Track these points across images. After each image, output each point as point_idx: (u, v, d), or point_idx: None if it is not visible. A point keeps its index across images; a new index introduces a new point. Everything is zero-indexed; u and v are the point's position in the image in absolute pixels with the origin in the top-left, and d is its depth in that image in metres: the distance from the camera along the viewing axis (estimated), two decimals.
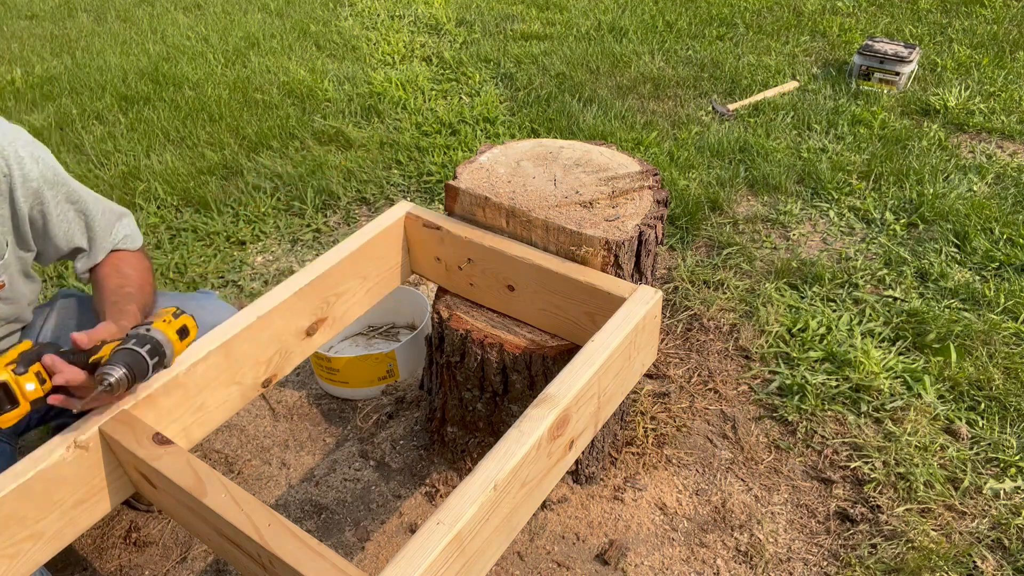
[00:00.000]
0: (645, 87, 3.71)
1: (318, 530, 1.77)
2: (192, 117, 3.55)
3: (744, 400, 2.05)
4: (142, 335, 1.16)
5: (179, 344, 1.21)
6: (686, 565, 1.67)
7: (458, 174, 1.63)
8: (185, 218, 2.87)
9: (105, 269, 1.48)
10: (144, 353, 1.13)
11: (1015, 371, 2.05)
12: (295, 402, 2.12)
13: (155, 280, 1.57)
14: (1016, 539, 1.67)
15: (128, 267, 1.50)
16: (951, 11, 4.37)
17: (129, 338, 1.15)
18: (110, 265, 1.49)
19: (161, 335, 1.17)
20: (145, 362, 1.13)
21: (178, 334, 1.21)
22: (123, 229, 1.53)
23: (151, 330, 1.17)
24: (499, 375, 1.59)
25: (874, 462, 1.84)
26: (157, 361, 1.15)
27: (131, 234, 1.55)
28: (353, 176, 3.07)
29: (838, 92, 3.55)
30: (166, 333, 1.18)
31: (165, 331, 1.18)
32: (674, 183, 2.88)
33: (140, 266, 1.52)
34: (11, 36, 4.71)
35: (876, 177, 2.91)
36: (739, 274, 2.48)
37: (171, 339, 1.19)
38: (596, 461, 1.81)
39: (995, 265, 2.45)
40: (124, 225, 1.54)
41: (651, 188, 1.58)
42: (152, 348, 1.15)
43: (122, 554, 1.75)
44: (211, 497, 1.10)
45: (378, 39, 4.42)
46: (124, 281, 1.45)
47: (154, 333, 1.17)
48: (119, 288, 1.43)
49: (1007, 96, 3.43)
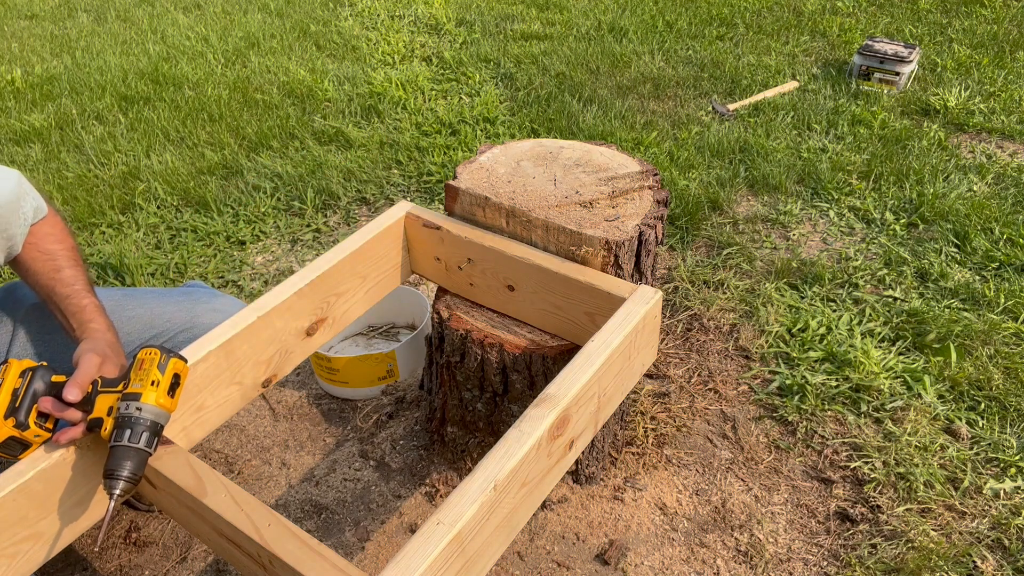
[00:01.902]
0: (645, 87, 3.71)
1: (318, 530, 1.77)
2: (192, 117, 3.55)
3: (744, 400, 2.05)
4: (135, 420, 1.10)
5: (172, 403, 1.15)
6: (686, 565, 1.67)
7: (458, 174, 1.63)
8: (185, 218, 2.87)
9: (30, 252, 1.36)
10: (143, 448, 1.10)
11: (1015, 371, 2.05)
12: (295, 402, 2.12)
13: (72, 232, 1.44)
14: (1016, 539, 1.67)
15: (49, 241, 1.37)
16: (951, 11, 4.37)
17: (124, 428, 1.10)
18: (32, 247, 1.36)
19: (153, 411, 1.12)
20: (147, 454, 1.11)
21: (169, 393, 1.15)
22: (29, 203, 1.37)
23: (142, 409, 1.11)
24: (499, 375, 1.59)
25: (874, 462, 1.84)
26: (157, 441, 1.12)
27: (38, 205, 1.39)
28: (353, 176, 3.07)
29: (838, 92, 3.55)
30: (158, 404, 1.12)
31: (156, 402, 1.12)
32: (674, 183, 2.88)
33: (58, 233, 1.40)
34: (11, 36, 4.71)
35: (876, 177, 2.91)
36: (739, 274, 2.48)
37: (164, 407, 1.13)
38: (596, 461, 1.81)
39: (995, 265, 2.45)
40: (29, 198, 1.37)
41: (651, 188, 1.57)
42: (149, 436, 1.11)
43: (122, 554, 1.75)
44: (211, 497, 1.10)
45: (378, 39, 4.42)
46: (56, 263, 1.34)
47: (146, 413, 1.11)
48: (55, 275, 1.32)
49: (1007, 96, 3.43)
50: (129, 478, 1.09)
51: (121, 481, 1.09)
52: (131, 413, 1.11)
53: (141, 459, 1.11)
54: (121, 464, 1.09)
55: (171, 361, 1.16)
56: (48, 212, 1.42)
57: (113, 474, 1.09)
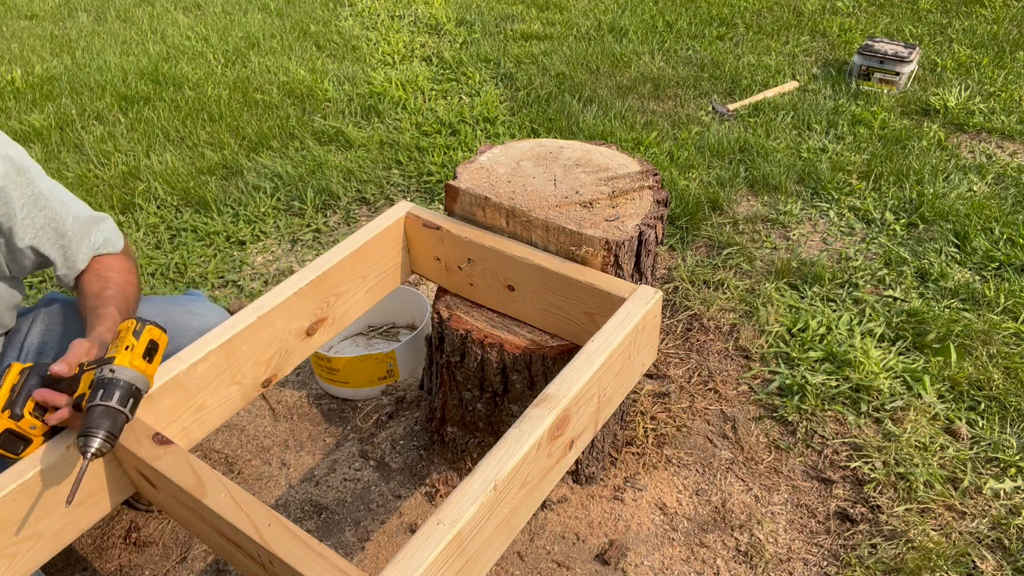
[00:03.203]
0: (645, 87, 3.71)
1: (318, 530, 1.77)
2: (192, 117, 3.55)
3: (744, 400, 2.05)
4: (108, 381, 1.12)
5: (149, 368, 1.17)
6: (686, 565, 1.67)
7: (458, 174, 1.63)
8: (185, 218, 2.87)
9: (88, 275, 1.47)
10: (116, 406, 1.11)
11: (1015, 371, 2.05)
12: (295, 402, 2.12)
13: (140, 278, 1.56)
14: (1016, 539, 1.67)
15: (109, 270, 1.48)
16: (951, 11, 4.37)
17: (97, 389, 1.12)
18: (92, 271, 1.48)
19: (128, 373, 1.13)
20: (122, 414, 1.11)
21: (145, 358, 1.17)
22: (101, 234, 1.50)
23: (115, 371, 1.13)
24: (499, 375, 1.59)
25: (874, 462, 1.84)
26: (133, 403, 1.13)
27: (111, 238, 1.52)
28: (353, 176, 3.07)
29: (838, 92, 3.55)
30: (132, 366, 1.14)
31: (131, 363, 1.14)
32: (674, 183, 2.88)
33: (121, 267, 1.50)
34: (11, 36, 4.71)
35: (876, 177, 2.91)
36: (739, 274, 2.48)
37: (139, 369, 1.15)
38: (596, 461, 1.81)
39: (995, 265, 2.45)
40: (103, 230, 1.51)
41: (651, 188, 1.58)
42: (123, 395, 1.12)
43: (122, 554, 1.75)
44: (211, 497, 1.10)
45: (378, 39, 4.42)
46: (105, 284, 1.44)
47: (119, 374, 1.12)
48: (100, 292, 1.41)
49: (1007, 96, 3.43)
50: (105, 437, 1.09)
51: (96, 439, 1.09)
52: (105, 375, 1.13)
53: (115, 419, 1.11)
54: (96, 423, 1.10)
55: (146, 328, 1.19)
56: (123, 251, 1.55)
57: (88, 432, 1.09)
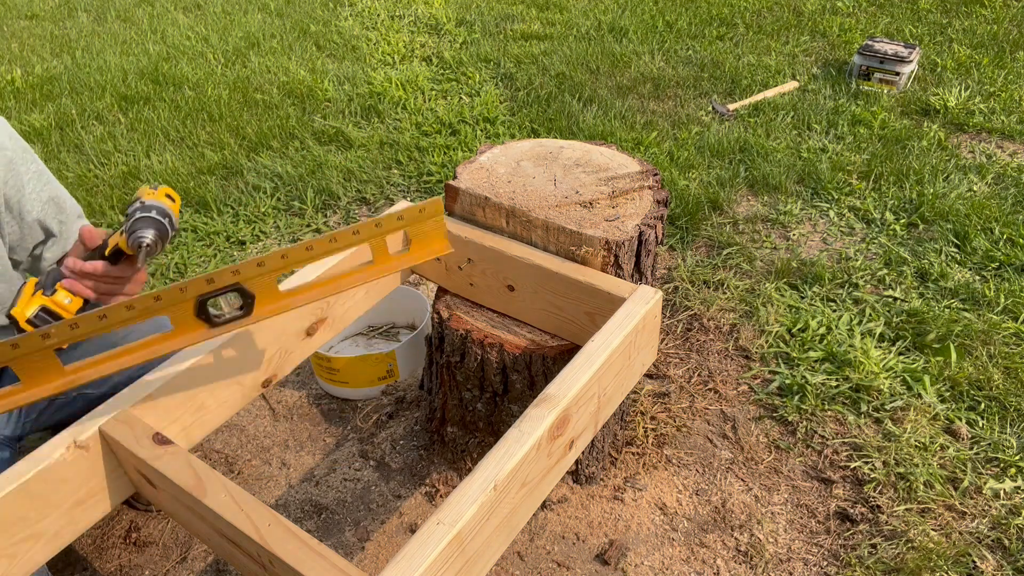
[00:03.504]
0: (645, 87, 3.71)
1: (318, 530, 1.77)
2: (192, 117, 3.55)
3: (744, 400, 2.05)
4: (145, 204, 1.17)
5: (174, 207, 1.23)
6: (686, 565, 1.67)
7: (458, 174, 1.63)
8: (185, 218, 2.87)
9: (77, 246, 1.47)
10: (158, 216, 1.16)
11: (1015, 371, 2.05)
12: (295, 402, 2.12)
13: None
14: (1016, 539, 1.67)
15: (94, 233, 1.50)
16: (951, 11, 4.37)
17: (134, 212, 1.16)
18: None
19: (157, 202, 1.19)
20: (163, 224, 1.16)
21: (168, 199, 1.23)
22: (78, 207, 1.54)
23: (145, 202, 1.18)
24: (499, 375, 1.59)
25: (874, 462, 1.84)
26: (168, 221, 1.18)
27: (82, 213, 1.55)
28: (353, 176, 3.07)
29: (838, 92, 3.55)
30: (159, 200, 1.20)
31: (157, 199, 1.20)
32: (674, 183, 2.88)
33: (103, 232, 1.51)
34: (11, 36, 4.71)
35: (876, 177, 2.91)
36: (739, 274, 2.48)
37: (167, 204, 1.21)
38: (596, 461, 1.81)
39: (995, 265, 2.45)
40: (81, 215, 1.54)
41: (651, 188, 1.58)
42: (160, 210, 1.17)
43: (122, 554, 1.75)
44: (211, 497, 1.10)
45: (378, 39, 4.42)
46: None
47: (151, 202, 1.18)
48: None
49: (1007, 96, 3.43)
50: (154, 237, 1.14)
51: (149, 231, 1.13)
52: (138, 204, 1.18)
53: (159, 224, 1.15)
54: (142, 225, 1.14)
55: (161, 187, 1.25)
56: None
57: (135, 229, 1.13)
